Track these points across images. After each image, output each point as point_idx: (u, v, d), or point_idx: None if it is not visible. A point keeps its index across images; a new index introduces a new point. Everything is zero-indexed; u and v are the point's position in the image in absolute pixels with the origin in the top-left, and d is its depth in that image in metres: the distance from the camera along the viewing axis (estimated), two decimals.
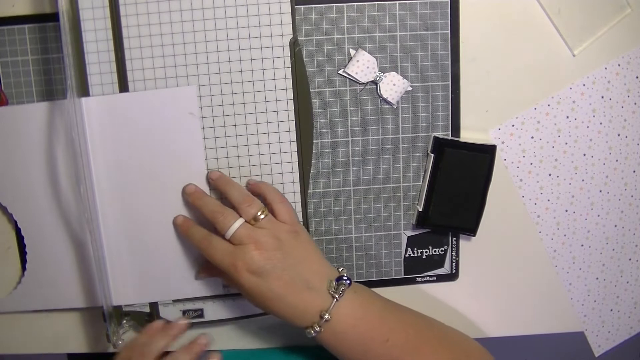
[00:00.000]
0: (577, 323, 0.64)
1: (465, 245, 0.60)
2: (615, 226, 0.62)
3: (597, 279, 0.63)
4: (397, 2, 0.55)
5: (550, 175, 0.60)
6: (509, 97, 0.58)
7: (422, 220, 0.58)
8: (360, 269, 0.60)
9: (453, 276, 0.61)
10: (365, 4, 0.54)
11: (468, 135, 0.58)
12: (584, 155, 0.60)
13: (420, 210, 0.58)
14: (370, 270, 0.60)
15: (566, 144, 0.59)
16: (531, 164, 0.59)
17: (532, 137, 0.59)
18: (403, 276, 0.60)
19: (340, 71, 0.55)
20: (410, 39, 0.55)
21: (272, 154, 0.55)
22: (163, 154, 0.54)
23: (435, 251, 0.60)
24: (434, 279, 0.61)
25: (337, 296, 0.48)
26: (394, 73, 0.55)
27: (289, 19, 0.53)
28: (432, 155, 0.56)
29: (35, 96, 0.54)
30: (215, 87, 0.54)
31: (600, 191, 0.61)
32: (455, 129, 0.57)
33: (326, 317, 0.48)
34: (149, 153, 0.54)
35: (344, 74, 0.55)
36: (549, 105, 0.58)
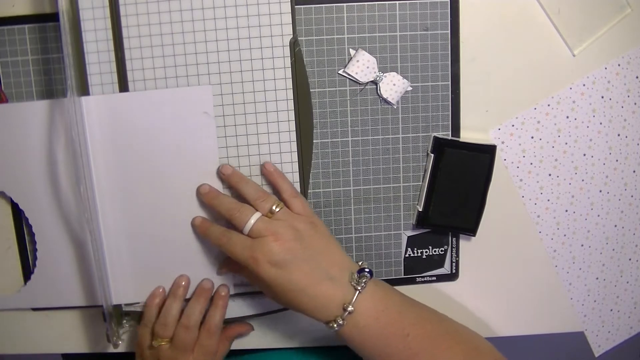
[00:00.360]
0: (577, 323, 0.63)
1: (465, 245, 0.60)
2: (615, 226, 0.62)
3: (597, 279, 0.63)
4: (397, 2, 0.55)
5: (550, 175, 0.60)
6: (509, 97, 0.58)
7: (422, 220, 0.58)
8: None
9: (453, 276, 0.61)
10: (365, 4, 0.54)
11: (468, 135, 0.58)
12: (584, 155, 0.60)
13: (420, 210, 0.58)
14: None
15: (566, 144, 0.59)
16: (531, 164, 0.59)
17: (532, 137, 0.59)
18: (403, 276, 0.60)
19: (340, 71, 0.55)
20: (410, 39, 0.55)
21: (272, 154, 0.55)
22: (169, 153, 0.54)
23: (435, 251, 0.60)
24: (434, 279, 0.61)
25: (360, 288, 0.48)
26: (394, 73, 0.55)
27: (289, 19, 0.53)
28: (432, 155, 0.56)
29: (35, 96, 0.54)
30: (215, 87, 0.54)
31: (600, 191, 0.61)
32: (455, 129, 0.57)
33: (349, 309, 0.47)
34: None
35: (344, 74, 0.55)
36: (549, 105, 0.58)
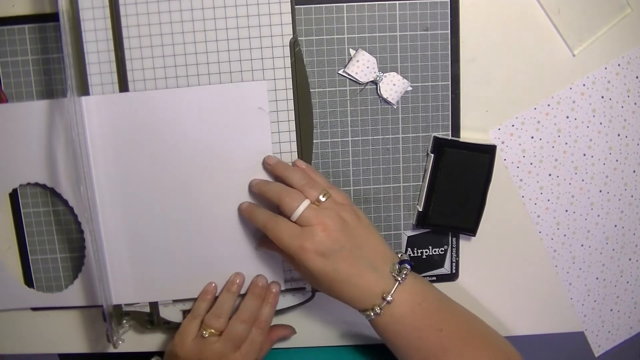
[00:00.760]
0: (577, 323, 0.63)
1: (465, 245, 0.60)
2: (615, 226, 0.62)
3: (597, 279, 0.63)
4: (397, 2, 0.55)
5: (550, 175, 0.60)
6: (509, 97, 0.58)
7: (422, 220, 0.58)
8: None
9: (453, 276, 0.61)
10: (365, 4, 0.54)
11: (468, 135, 0.58)
12: (584, 155, 0.60)
13: (420, 210, 0.58)
14: None
15: (566, 144, 0.59)
16: (531, 164, 0.59)
17: (532, 137, 0.59)
18: None
19: (340, 71, 0.55)
20: (410, 39, 0.55)
21: (272, 153, 0.55)
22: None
23: (435, 251, 0.60)
24: (434, 279, 0.60)
25: (400, 279, 0.49)
26: (394, 73, 0.55)
27: (289, 19, 0.53)
28: (432, 155, 0.56)
29: (35, 96, 0.54)
30: None
31: (600, 191, 0.61)
32: (455, 129, 0.57)
33: (388, 299, 0.48)
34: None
35: (344, 74, 0.55)
36: (549, 105, 0.58)
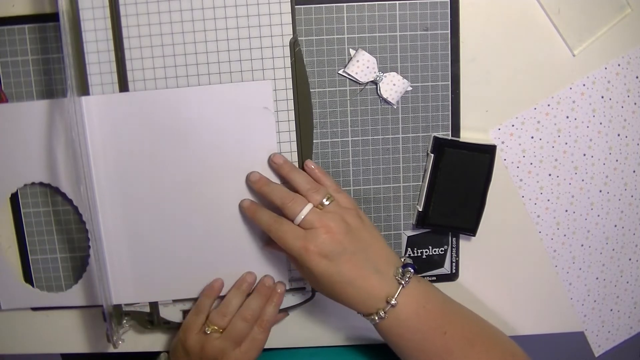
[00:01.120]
0: (577, 323, 0.63)
1: (465, 245, 0.60)
2: (615, 226, 0.62)
3: (597, 279, 0.63)
4: (397, 2, 0.55)
5: (550, 175, 0.60)
6: (509, 97, 0.58)
7: (422, 220, 0.58)
8: None
9: (453, 276, 0.61)
10: (365, 4, 0.54)
11: (468, 135, 0.58)
12: (584, 155, 0.60)
13: (420, 210, 0.58)
14: None
15: (566, 144, 0.59)
16: (531, 164, 0.59)
17: (532, 137, 0.59)
18: None
19: (340, 71, 0.55)
20: (410, 39, 0.55)
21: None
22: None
23: (435, 251, 0.60)
24: (434, 279, 0.60)
25: (404, 282, 0.49)
26: (394, 73, 0.55)
27: (289, 19, 0.53)
28: (432, 155, 0.56)
29: (35, 96, 0.54)
30: None
31: (600, 191, 0.61)
32: (455, 129, 0.57)
33: (392, 302, 0.48)
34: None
35: (344, 74, 0.55)
36: (549, 105, 0.58)
